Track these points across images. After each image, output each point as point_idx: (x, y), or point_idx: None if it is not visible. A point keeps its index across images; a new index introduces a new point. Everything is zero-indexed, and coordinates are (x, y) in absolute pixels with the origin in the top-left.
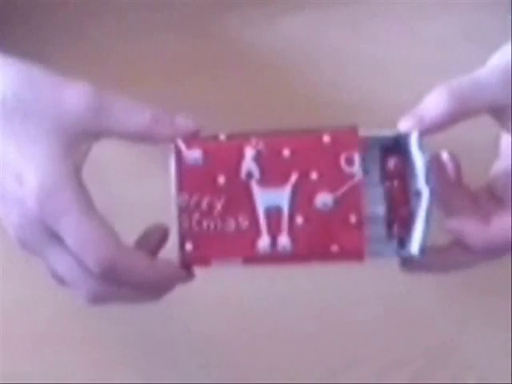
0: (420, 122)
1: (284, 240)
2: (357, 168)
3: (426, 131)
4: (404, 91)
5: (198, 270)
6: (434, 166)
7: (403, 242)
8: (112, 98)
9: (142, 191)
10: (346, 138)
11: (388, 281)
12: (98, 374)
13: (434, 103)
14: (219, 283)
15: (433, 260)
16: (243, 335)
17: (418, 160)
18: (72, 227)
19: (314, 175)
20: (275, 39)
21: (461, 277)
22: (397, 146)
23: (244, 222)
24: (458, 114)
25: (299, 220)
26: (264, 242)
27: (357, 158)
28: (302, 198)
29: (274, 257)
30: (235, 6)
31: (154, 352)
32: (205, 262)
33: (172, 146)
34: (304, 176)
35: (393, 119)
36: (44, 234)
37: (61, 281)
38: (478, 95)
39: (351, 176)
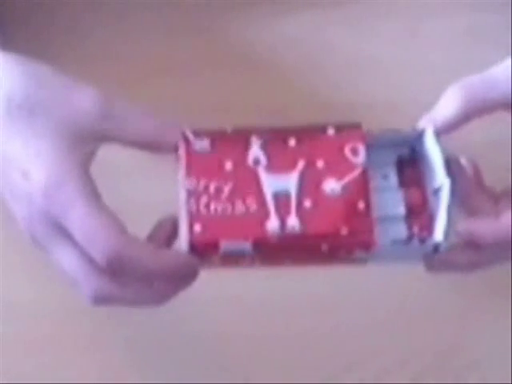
0: (433, 122)
1: (293, 221)
2: (362, 158)
3: (441, 131)
4: (404, 91)
5: (205, 273)
6: (454, 168)
7: (424, 242)
8: (120, 104)
9: (149, 191)
10: (350, 130)
11: (388, 282)
12: (104, 375)
13: (447, 103)
14: (224, 284)
15: (457, 258)
16: (244, 336)
17: (435, 155)
18: (78, 219)
19: (320, 163)
20: (275, 39)
21: (461, 277)
22: (413, 155)
23: (252, 205)
24: (470, 112)
25: (307, 203)
26: (273, 224)
27: (361, 148)
28: (309, 183)
29: (284, 239)
30: (235, 6)
31: (159, 353)
32: (213, 243)
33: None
34: (310, 164)
35: (393, 119)
36: (51, 228)
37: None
38: (489, 92)
39: (357, 165)
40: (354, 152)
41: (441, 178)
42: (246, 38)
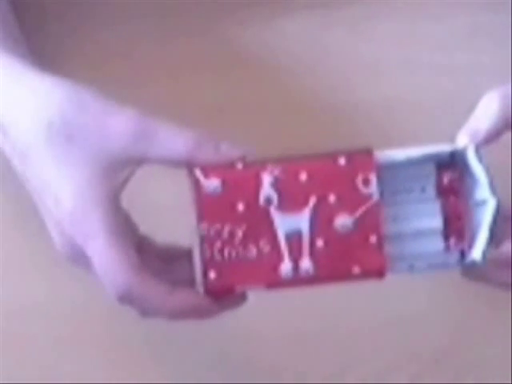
0: (475, 136)
1: (306, 264)
2: (374, 188)
3: (483, 143)
4: (404, 91)
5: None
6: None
7: (464, 253)
8: (157, 124)
9: (166, 192)
10: (361, 159)
11: (388, 281)
12: (116, 375)
13: (486, 113)
14: None
15: (495, 275)
16: (244, 337)
17: (479, 171)
18: (96, 250)
19: (331, 198)
20: (274, 40)
21: (461, 277)
22: (453, 161)
23: (265, 248)
24: (510, 121)
25: (320, 243)
26: (286, 267)
27: (373, 178)
28: (321, 221)
29: (297, 281)
30: (235, 7)
31: (161, 353)
32: (228, 289)
33: (190, 176)
34: (322, 199)
35: (392, 119)
36: (79, 253)
37: None
38: None
39: (369, 197)
40: (366, 183)
41: (485, 194)
42: (246, 38)
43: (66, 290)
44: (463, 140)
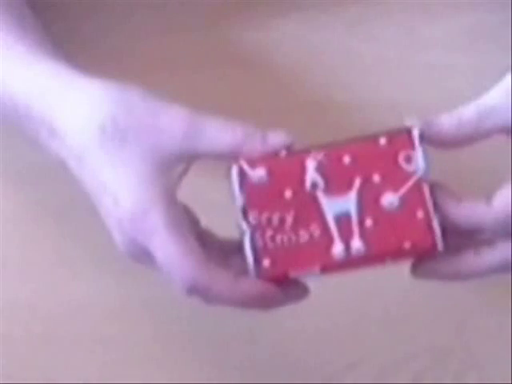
0: (428, 125)
1: (357, 243)
2: (416, 165)
3: (432, 138)
4: (404, 91)
5: None
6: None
7: None
8: (205, 119)
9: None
10: (402, 137)
11: (388, 281)
12: (105, 375)
13: (445, 124)
14: None
15: (444, 267)
16: (244, 334)
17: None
18: (160, 246)
19: (376, 178)
20: (274, 39)
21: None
22: None
23: (316, 232)
24: (467, 139)
25: (369, 222)
26: (338, 248)
27: (414, 154)
28: (368, 201)
29: (350, 261)
30: (235, 7)
31: (162, 351)
32: (283, 275)
33: (234, 167)
34: (367, 180)
35: (392, 119)
36: (141, 251)
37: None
38: (487, 120)
39: (412, 173)
40: (408, 160)
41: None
42: (245, 38)
43: (47, 289)
44: (411, 120)
